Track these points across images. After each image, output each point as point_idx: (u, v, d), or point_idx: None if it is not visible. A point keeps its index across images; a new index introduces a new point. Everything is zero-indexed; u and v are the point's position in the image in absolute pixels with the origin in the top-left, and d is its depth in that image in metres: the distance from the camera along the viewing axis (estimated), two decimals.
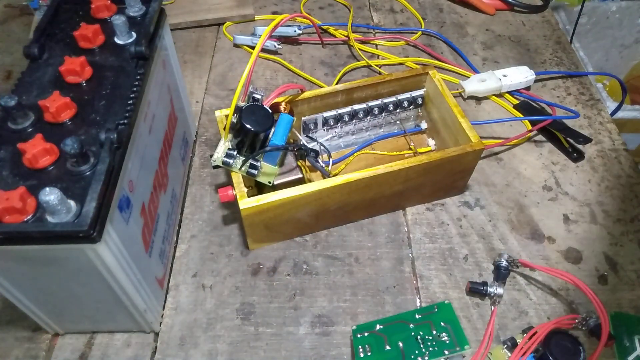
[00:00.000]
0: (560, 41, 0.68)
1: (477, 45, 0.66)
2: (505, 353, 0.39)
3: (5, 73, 0.62)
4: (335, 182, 0.41)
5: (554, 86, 0.62)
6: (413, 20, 0.70)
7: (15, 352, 0.39)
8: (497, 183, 0.51)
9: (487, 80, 0.58)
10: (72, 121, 0.33)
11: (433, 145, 0.53)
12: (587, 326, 0.40)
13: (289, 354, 0.40)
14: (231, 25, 0.68)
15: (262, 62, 0.63)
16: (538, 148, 0.55)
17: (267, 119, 0.40)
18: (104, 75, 0.36)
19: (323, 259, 0.45)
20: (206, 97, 0.59)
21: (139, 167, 0.36)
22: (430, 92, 0.51)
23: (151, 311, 0.39)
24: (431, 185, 0.47)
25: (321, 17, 0.69)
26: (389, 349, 0.37)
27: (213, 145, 0.54)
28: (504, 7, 0.72)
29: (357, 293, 0.43)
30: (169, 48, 0.45)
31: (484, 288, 0.42)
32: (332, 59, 0.64)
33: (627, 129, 0.79)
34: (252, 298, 0.43)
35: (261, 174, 0.42)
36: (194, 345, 0.40)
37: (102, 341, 0.40)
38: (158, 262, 0.41)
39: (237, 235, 0.47)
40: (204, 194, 0.50)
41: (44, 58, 0.37)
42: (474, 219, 0.48)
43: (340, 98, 0.49)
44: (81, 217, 0.28)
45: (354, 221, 0.48)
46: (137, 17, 0.40)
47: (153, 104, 0.39)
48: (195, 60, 0.64)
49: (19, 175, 0.30)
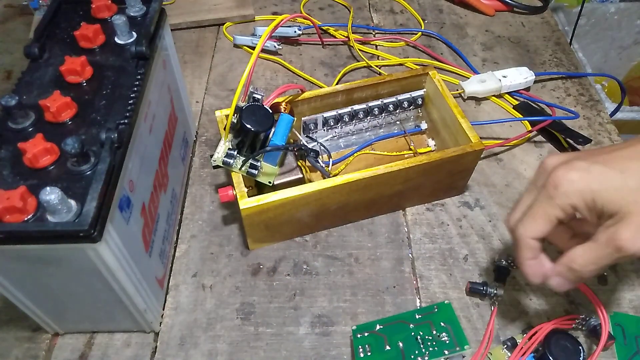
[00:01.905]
0: (560, 42, 0.68)
1: (477, 46, 0.67)
2: (505, 353, 0.39)
3: (5, 73, 0.62)
4: (335, 182, 0.41)
5: (553, 87, 0.62)
6: (413, 21, 0.70)
7: (15, 351, 0.39)
8: (497, 183, 0.51)
9: (487, 81, 0.58)
10: (72, 121, 0.33)
11: (433, 146, 0.53)
12: (587, 326, 0.40)
13: (289, 354, 0.40)
14: (231, 26, 0.68)
15: (262, 62, 0.63)
16: (538, 149, 0.55)
17: (267, 119, 0.40)
18: (105, 75, 0.36)
19: (323, 259, 0.45)
20: (206, 97, 0.59)
21: (140, 166, 0.36)
22: (430, 93, 0.51)
23: (151, 311, 0.39)
24: (431, 186, 0.47)
25: (321, 17, 0.69)
26: (389, 349, 0.37)
27: (213, 145, 0.54)
28: (503, 8, 0.72)
29: (357, 293, 0.43)
30: (170, 48, 0.45)
31: (484, 288, 0.42)
32: (332, 60, 0.64)
33: (626, 130, 0.79)
34: (252, 298, 0.43)
35: (261, 174, 0.42)
36: (194, 345, 0.40)
37: (102, 341, 0.40)
38: (158, 262, 0.41)
39: (237, 235, 0.47)
40: (204, 194, 0.50)
41: (45, 58, 0.37)
42: (474, 219, 0.48)
43: (340, 98, 0.49)
44: (82, 216, 0.28)
45: (354, 221, 0.48)
46: (137, 17, 0.40)
47: (153, 103, 0.40)
48: (195, 61, 0.64)
49: (20, 175, 0.30)
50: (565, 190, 0.31)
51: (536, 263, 0.34)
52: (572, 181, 0.31)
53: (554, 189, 0.32)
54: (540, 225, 0.33)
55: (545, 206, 0.32)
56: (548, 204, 0.32)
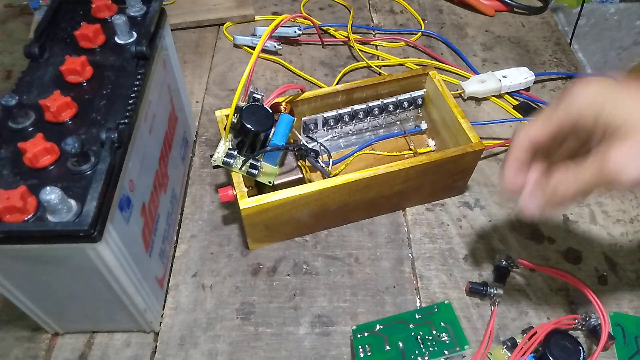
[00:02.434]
0: (560, 42, 0.68)
1: (477, 46, 0.67)
2: (505, 353, 0.39)
3: (5, 73, 0.62)
4: (335, 182, 0.41)
5: (553, 87, 0.62)
6: (413, 22, 0.70)
7: (15, 351, 0.39)
8: (497, 183, 0.51)
9: (487, 81, 0.58)
10: (72, 121, 0.33)
11: (433, 146, 0.53)
12: (587, 326, 0.40)
13: (289, 354, 0.40)
14: (231, 26, 0.68)
15: (262, 62, 0.63)
16: None
17: (268, 119, 0.40)
18: (105, 75, 0.36)
19: (323, 259, 0.45)
20: (206, 97, 0.59)
21: (140, 166, 0.36)
22: (430, 93, 0.51)
23: (151, 311, 0.39)
24: (431, 186, 0.47)
25: (321, 17, 0.69)
26: (389, 349, 0.37)
27: (213, 145, 0.54)
28: (503, 8, 0.72)
29: (357, 293, 0.43)
30: (170, 48, 0.45)
31: (484, 288, 0.42)
32: (332, 60, 0.64)
33: None
34: (252, 298, 0.43)
35: (261, 174, 0.42)
36: (193, 345, 0.40)
37: (102, 341, 0.40)
38: (158, 261, 0.41)
39: (237, 235, 0.47)
40: (204, 194, 0.50)
41: (45, 57, 0.37)
42: (474, 219, 0.48)
43: (341, 98, 0.49)
44: (82, 216, 0.28)
45: (354, 221, 0.48)
46: (137, 17, 0.40)
47: (153, 103, 0.40)
48: (195, 61, 0.64)
49: (20, 175, 0.30)
50: (575, 94, 0.30)
51: (518, 167, 0.32)
52: (584, 88, 0.30)
53: (566, 95, 0.30)
54: (539, 126, 0.31)
55: (550, 109, 0.31)
56: (554, 107, 0.31)
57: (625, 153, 0.27)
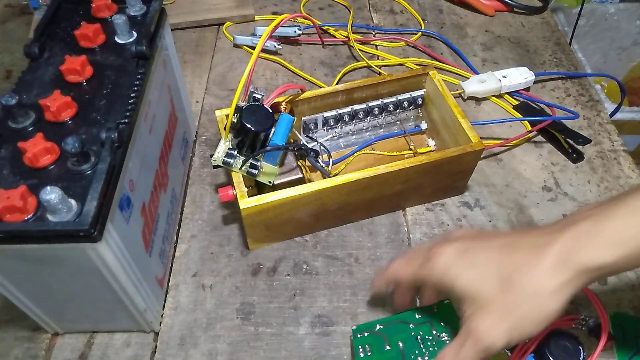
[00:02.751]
0: (560, 42, 0.68)
1: (477, 46, 0.67)
2: (505, 353, 0.39)
3: (5, 73, 0.62)
4: (335, 182, 0.41)
5: (553, 87, 0.62)
6: (413, 21, 0.70)
7: (15, 351, 0.39)
8: (496, 183, 0.51)
9: (487, 81, 0.59)
10: (72, 120, 0.33)
11: (433, 146, 0.53)
12: (587, 326, 0.40)
13: (289, 354, 0.40)
14: (231, 26, 0.68)
15: (262, 62, 0.63)
16: (538, 149, 0.55)
17: (268, 119, 0.40)
18: (105, 75, 0.36)
19: (323, 259, 0.45)
20: (206, 97, 0.59)
21: (140, 166, 0.36)
22: (430, 93, 0.51)
23: (151, 311, 0.39)
24: (431, 186, 0.47)
25: (321, 17, 0.69)
26: (389, 349, 0.37)
27: (213, 145, 0.54)
28: (503, 8, 0.72)
29: (357, 293, 0.43)
30: (170, 48, 0.45)
31: None
32: (332, 60, 0.64)
33: (625, 130, 0.79)
34: (252, 298, 0.43)
35: (261, 174, 0.42)
36: (193, 345, 0.40)
37: (102, 341, 0.40)
38: (158, 261, 0.41)
39: (237, 235, 0.47)
40: (204, 194, 0.50)
41: (45, 57, 0.37)
42: (474, 219, 0.48)
43: (341, 98, 0.49)
44: (82, 216, 0.28)
45: (354, 221, 0.48)
46: (137, 17, 0.40)
47: (153, 103, 0.39)
48: (195, 60, 0.64)
49: (20, 174, 0.30)
50: (434, 262, 0.34)
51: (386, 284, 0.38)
52: (439, 257, 0.33)
53: (429, 261, 0.34)
54: (408, 273, 0.36)
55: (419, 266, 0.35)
56: (422, 266, 0.35)
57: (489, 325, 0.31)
